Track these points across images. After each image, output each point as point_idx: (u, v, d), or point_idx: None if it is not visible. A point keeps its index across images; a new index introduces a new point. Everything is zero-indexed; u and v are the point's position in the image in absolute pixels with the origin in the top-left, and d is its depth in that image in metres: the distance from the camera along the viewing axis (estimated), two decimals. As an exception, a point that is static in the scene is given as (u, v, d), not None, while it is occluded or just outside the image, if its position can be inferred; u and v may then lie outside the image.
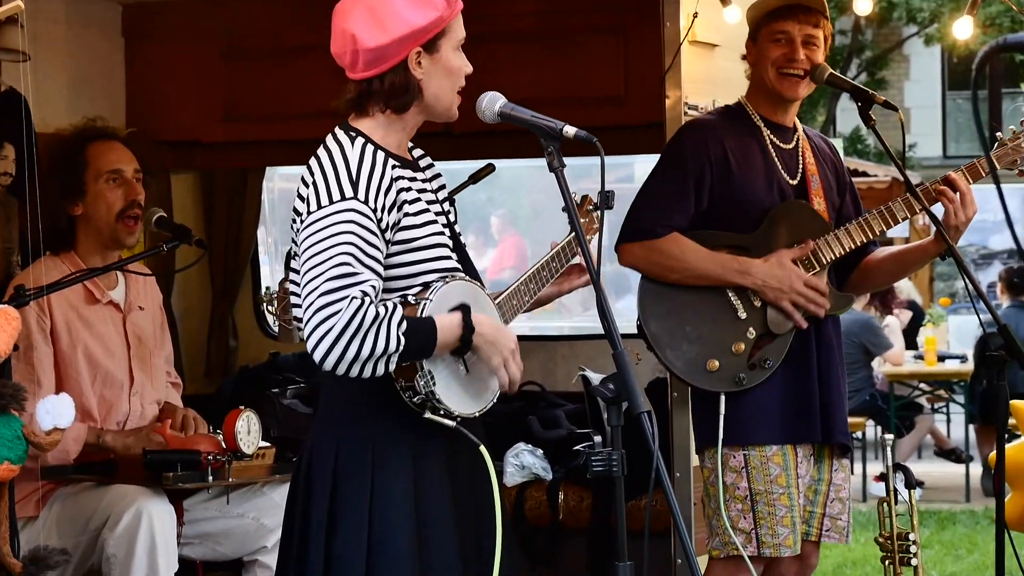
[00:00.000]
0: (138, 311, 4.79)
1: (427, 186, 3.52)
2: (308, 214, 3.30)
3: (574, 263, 3.89)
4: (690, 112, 4.83)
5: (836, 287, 4.52)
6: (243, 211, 7.11)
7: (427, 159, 3.60)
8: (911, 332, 12.68)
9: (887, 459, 4.56)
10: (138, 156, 4.78)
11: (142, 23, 6.41)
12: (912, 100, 23.78)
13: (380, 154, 3.37)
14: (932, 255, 4.57)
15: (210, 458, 4.36)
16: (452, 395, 3.37)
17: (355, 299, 3.19)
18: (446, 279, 3.38)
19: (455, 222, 3.58)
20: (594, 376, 6.12)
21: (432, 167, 3.60)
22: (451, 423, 3.36)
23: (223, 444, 4.50)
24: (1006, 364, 4.35)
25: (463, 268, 3.49)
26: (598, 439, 5.74)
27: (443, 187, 3.61)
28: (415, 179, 3.47)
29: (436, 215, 3.47)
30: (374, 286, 3.25)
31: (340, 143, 3.38)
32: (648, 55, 5.15)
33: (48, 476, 4.44)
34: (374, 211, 3.29)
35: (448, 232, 3.50)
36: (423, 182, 3.51)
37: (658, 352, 4.42)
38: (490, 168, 5.18)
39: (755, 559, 4.37)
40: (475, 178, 5.14)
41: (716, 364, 4.37)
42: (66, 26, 6.00)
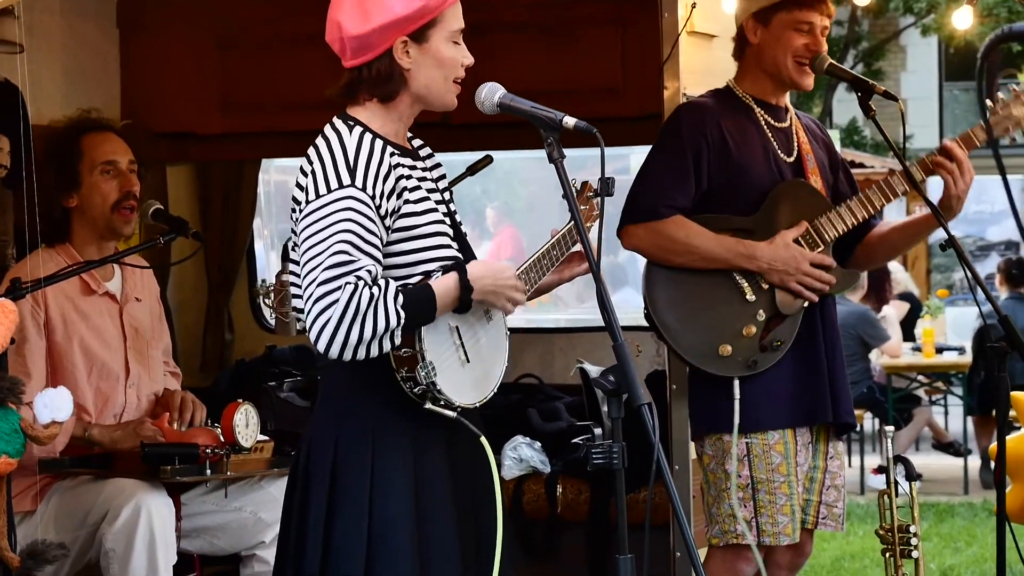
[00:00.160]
0: (135, 303, 4.77)
1: (427, 175, 3.52)
2: (307, 203, 3.31)
3: (575, 251, 3.87)
4: (689, 103, 4.81)
5: (839, 264, 4.50)
6: (239, 203, 7.09)
7: (427, 149, 3.60)
8: (908, 324, 12.65)
9: (887, 451, 4.54)
10: (133, 148, 4.75)
11: (137, 14, 6.38)
12: (909, 91, 23.75)
13: (378, 142, 3.37)
14: (928, 230, 4.57)
15: (208, 451, 4.34)
16: (453, 386, 3.37)
17: (350, 284, 3.21)
18: (447, 268, 3.37)
19: (456, 212, 3.57)
20: (592, 369, 6.10)
21: (432, 157, 3.60)
22: (452, 414, 3.35)
23: (221, 437, 4.48)
24: (1007, 355, 4.34)
25: (464, 258, 3.48)
26: (598, 431, 5.73)
27: (444, 177, 3.60)
28: (415, 168, 3.47)
29: (437, 204, 3.47)
30: (370, 271, 3.25)
31: (338, 132, 3.38)
32: (646, 46, 5.13)
33: (45, 470, 4.43)
34: (372, 198, 3.29)
35: (449, 222, 3.50)
36: (423, 171, 3.51)
37: (669, 340, 4.39)
38: (488, 159, 5.15)
39: (758, 547, 4.34)
40: (473, 169, 5.11)
41: (729, 349, 4.35)
42: (61, 17, 5.98)
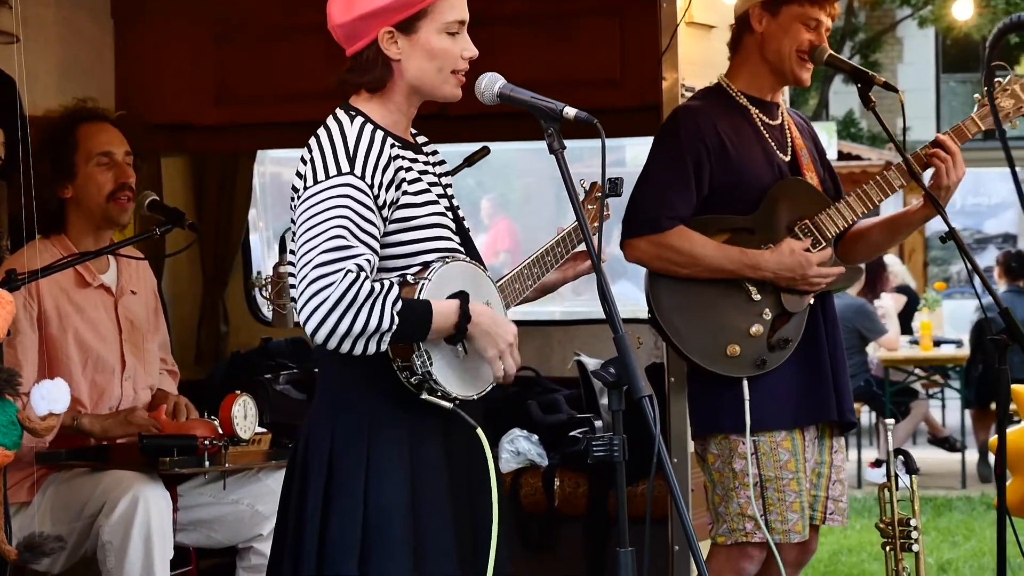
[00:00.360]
0: (130, 295, 4.75)
1: (429, 169, 3.50)
2: (305, 190, 3.30)
3: (580, 250, 3.85)
4: (687, 95, 4.78)
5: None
6: (234, 195, 7.07)
7: (432, 146, 3.59)
8: (905, 317, 12.64)
9: (887, 444, 4.52)
10: (129, 139, 4.73)
11: (132, 5, 6.36)
12: (906, 83, 23.72)
13: (379, 133, 3.36)
14: (922, 220, 4.52)
15: (206, 443, 4.32)
16: (450, 377, 3.34)
17: (350, 272, 3.19)
18: (446, 259, 3.36)
19: (459, 208, 3.56)
20: (590, 361, 6.08)
21: (436, 153, 3.59)
22: (448, 405, 3.33)
23: (219, 429, 4.46)
24: (1007, 348, 4.32)
25: (466, 251, 3.46)
26: (599, 424, 5.71)
27: (448, 174, 3.59)
28: (416, 161, 3.46)
29: (438, 197, 3.46)
30: (369, 260, 3.23)
31: (339, 121, 3.38)
32: (644, 37, 5.11)
33: (42, 461, 4.41)
34: (370, 187, 3.28)
35: (451, 215, 3.48)
36: (424, 164, 3.49)
37: (676, 343, 4.36)
38: (485, 151, 5.12)
39: (762, 545, 4.33)
40: (470, 160, 5.09)
41: (737, 349, 4.32)
42: (56, 8, 5.95)
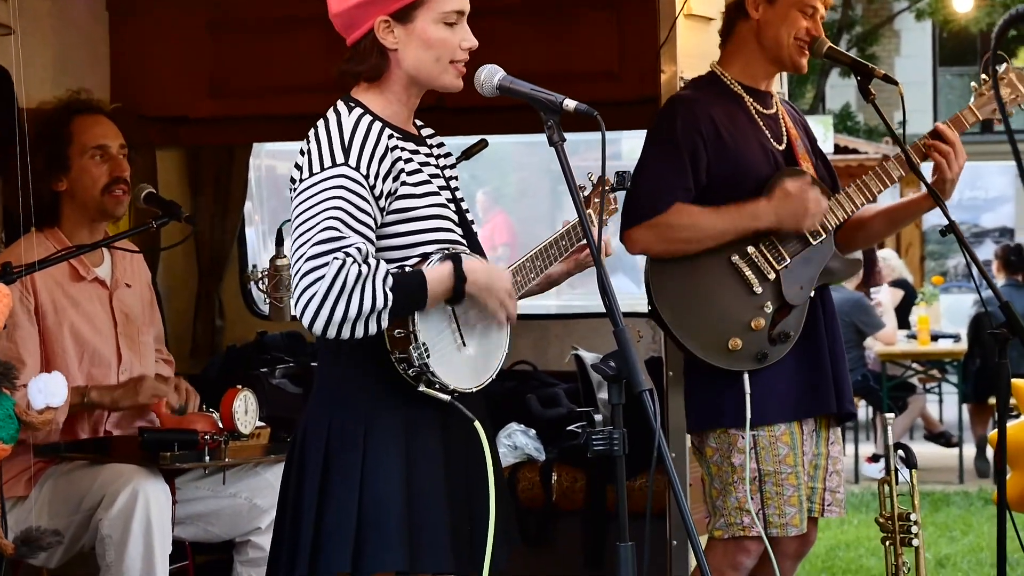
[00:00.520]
0: (125, 288, 4.73)
1: (431, 161, 3.49)
2: (300, 182, 3.31)
3: (585, 242, 3.83)
4: (686, 88, 4.76)
5: None
6: (230, 188, 7.04)
7: (438, 138, 3.59)
8: (903, 311, 12.62)
9: (888, 438, 4.50)
10: (123, 131, 4.70)
11: (127, -4, 6.33)
12: (903, 76, 23.62)
13: (377, 124, 3.36)
14: (922, 211, 4.50)
15: (207, 438, 4.30)
16: (448, 369, 3.33)
17: (337, 260, 3.19)
18: (446, 251, 3.35)
19: (462, 200, 3.55)
20: (587, 355, 6.06)
21: (443, 145, 3.59)
22: (446, 397, 3.32)
23: (219, 424, 4.44)
24: (1008, 342, 4.30)
25: (468, 244, 3.46)
26: (598, 418, 5.69)
27: (454, 166, 3.59)
28: (417, 152, 3.45)
29: (440, 189, 3.45)
30: (360, 248, 3.23)
31: (338, 112, 3.38)
32: (643, 29, 5.09)
33: (40, 454, 4.39)
34: (366, 177, 3.28)
35: (453, 207, 3.48)
36: (426, 156, 3.48)
37: (677, 336, 4.33)
38: (483, 143, 5.10)
39: (759, 539, 4.31)
40: (468, 154, 5.05)
41: (739, 343, 4.29)
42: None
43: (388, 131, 3.36)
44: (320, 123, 3.36)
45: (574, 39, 5.94)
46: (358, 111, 3.36)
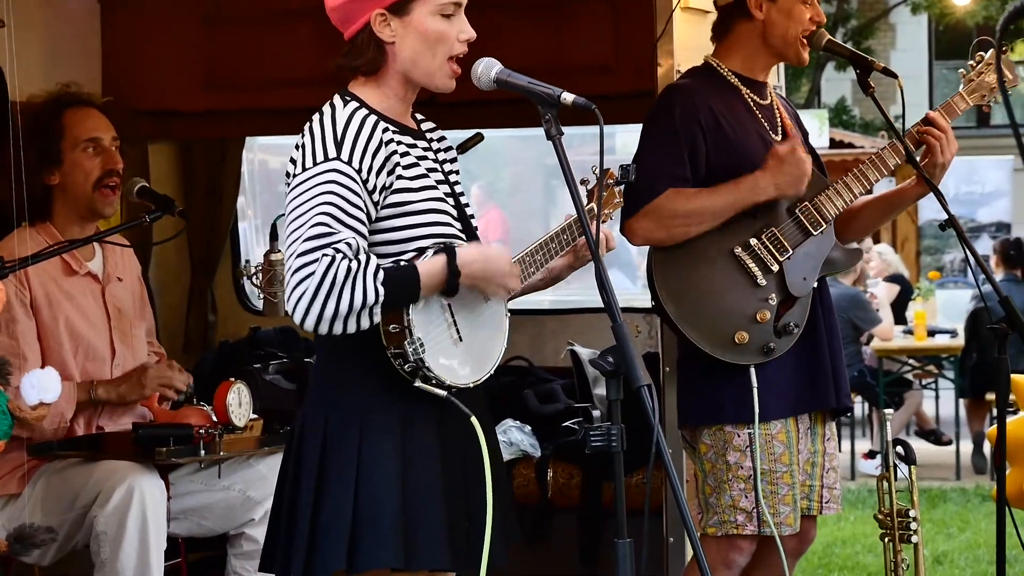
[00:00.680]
0: (117, 282, 4.71)
1: (430, 155, 3.47)
2: (293, 177, 3.30)
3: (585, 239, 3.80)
4: (682, 81, 4.73)
5: None
6: (223, 182, 7.01)
7: (439, 132, 3.57)
8: (899, 307, 12.60)
9: (886, 434, 4.48)
10: (115, 125, 4.69)
11: (119, -12, 6.29)
12: (898, 69, 23.47)
13: (371, 118, 3.33)
14: (915, 198, 4.48)
15: (201, 432, 4.28)
16: (444, 364, 3.31)
17: (327, 256, 3.18)
18: (442, 246, 3.32)
19: (462, 194, 3.53)
20: (583, 351, 6.04)
21: (444, 139, 3.57)
22: (442, 393, 3.30)
23: (213, 417, 4.42)
24: (1007, 337, 4.28)
25: (467, 238, 3.44)
26: (596, 414, 5.66)
27: (455, 160, 3.57)
28: (415, 146, 3.43)
29: (438, 183, 3.43)
30: (350, 243, 3.22)
31: (333, 107, 3.36)
32: (639, 22, 5.05)
33: (35, 452, 4.36)
34: (358, 171, 3.26)
35: (452, 201, 3.46)
36: (425, 150, 3.46)
37: (683, 331, 4.29)
38: (479, 137, 5.08)
39: (752, 537, 4.28)
40: (463, 148, 5.04)
41: (745, 336, 4.25)
42: (42, -9, 5.89)
43: (384, 125, 3.34)
44: (315, 117, 3.35)
45: (570, 33, 5.92)
46: (353, 105, 3.34)
